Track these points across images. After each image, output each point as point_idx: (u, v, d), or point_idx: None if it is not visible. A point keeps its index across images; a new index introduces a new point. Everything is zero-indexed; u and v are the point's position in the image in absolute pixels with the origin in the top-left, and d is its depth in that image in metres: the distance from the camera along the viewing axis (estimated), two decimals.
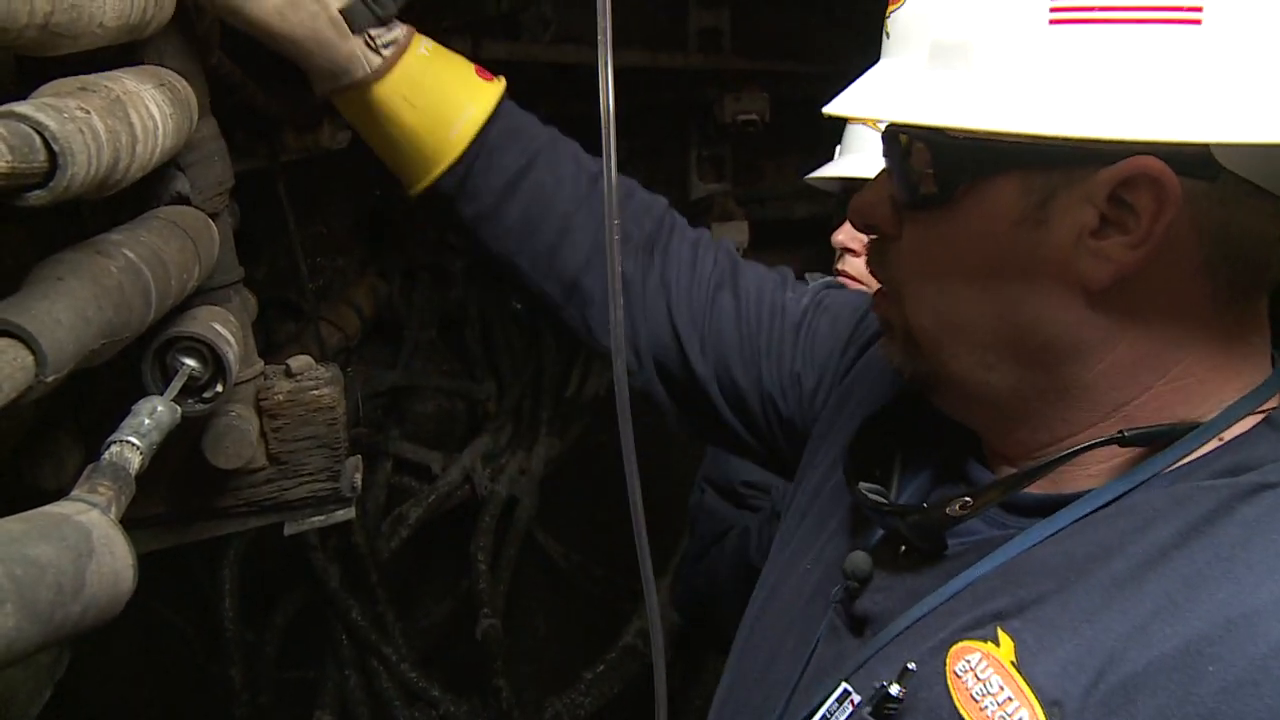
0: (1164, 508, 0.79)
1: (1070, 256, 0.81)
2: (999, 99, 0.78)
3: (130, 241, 0.82)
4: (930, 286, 0.91)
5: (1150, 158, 0.76)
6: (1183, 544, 0.76)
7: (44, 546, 0.60)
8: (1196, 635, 0.71)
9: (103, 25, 0.74)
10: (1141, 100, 0.74)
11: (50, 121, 0.62)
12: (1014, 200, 0.83)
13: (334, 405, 1.16)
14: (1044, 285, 0.83)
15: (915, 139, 0.88)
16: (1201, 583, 0.73)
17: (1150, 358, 0.84)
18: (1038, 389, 0.88)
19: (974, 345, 0.89)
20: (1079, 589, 0.79)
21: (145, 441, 0.81)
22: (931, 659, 0.83)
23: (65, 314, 0.68)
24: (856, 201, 0.98)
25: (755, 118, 3.38)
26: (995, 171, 0.83)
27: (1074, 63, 0.76)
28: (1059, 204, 0.81)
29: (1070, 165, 0.80)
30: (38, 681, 1.26)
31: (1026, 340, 0.86)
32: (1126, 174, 0.77)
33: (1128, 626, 0.74)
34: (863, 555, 0.97)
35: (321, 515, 1.23)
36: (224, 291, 1.10)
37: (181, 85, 0.94)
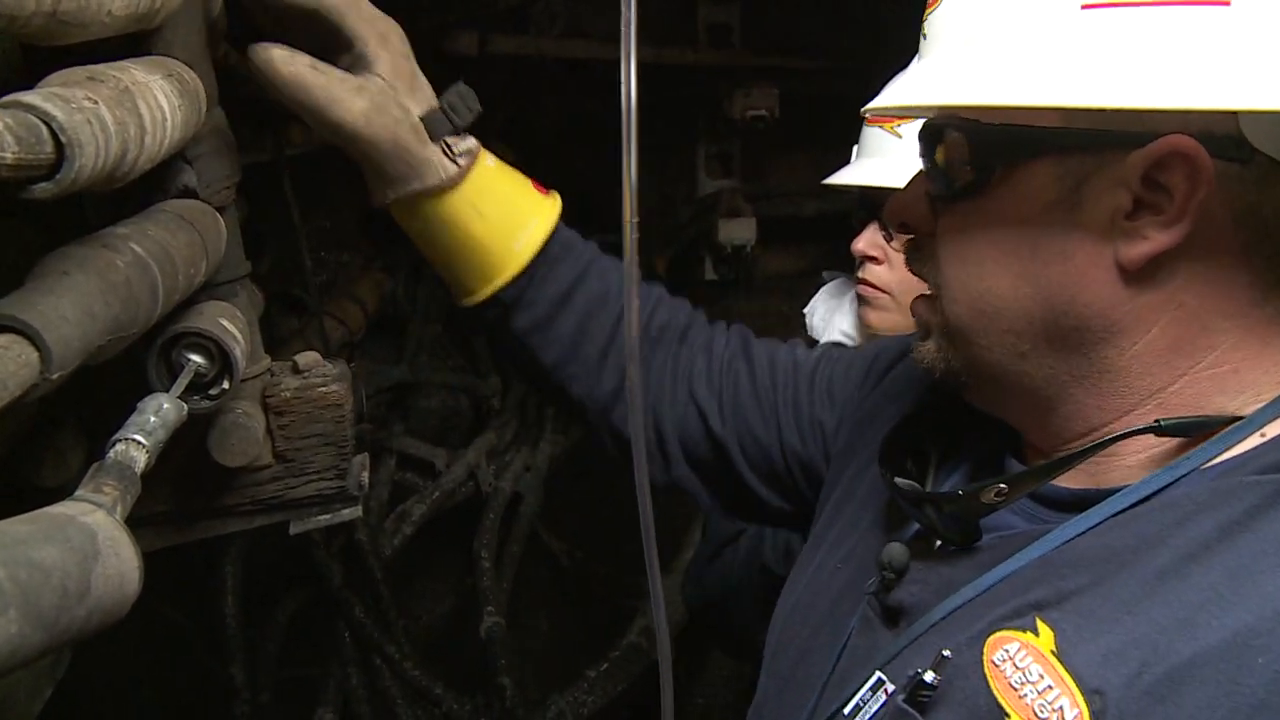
0: (1206, 501, 0.79)
1: (1104, 237, 0.83)
2: (1033, 78, 0.81)
3: (137, 236, 0.80)
4: (965, 274, 0.93)
5: (1182, 136, 0.78)
6: (1226, 538, 0.75)
7: (49, 549, 0.59)
8: (1244, 627, 0.71)
9: (111, 14, 0.72)
10: (1171, 75, 0.76)
11: (58, 112, 0.60)
12: (1048, 184, 0.85)
13: (341, 402, 1.15)
14: (1078, 266, 0.85)
15: (951, 129, 0.90)
16: (1247, 575, 0.73)
17: (1184, 343, 0.84)
18: (1072, 374, 0.88)
19: (1008, 331, 0.90)
20: (1119, 580, 0.78)
21: (151, 440, 0.79)
22: (968, 648, 0.83)
23: (71, 310, 0.66)
24: (893, 202, 1.01)
25: (765, 114, 3.36)
26: (1030, 157, 0.85)
27: (1106, 44, 0.79)
28: (1092, 187, 0.83)
29: (1103, 149, 0.82)
30: (38, 681, 1.25)
31: (1060, 322, 0.87)
32: (1159, 154, 0.79)
33: (1171, 618, 0.74)
34: (899, 547, 0.98)
35: (328, 514, 1.22)
36: (231, 286, 1.08)
37: (190, 76, 0.92)
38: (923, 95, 0.89)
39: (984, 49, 0.85)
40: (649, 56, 3.24)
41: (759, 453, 1.32)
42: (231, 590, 2.81)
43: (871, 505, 1.12)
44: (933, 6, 0.93)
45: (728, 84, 3.40)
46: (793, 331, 2.21)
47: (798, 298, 2.25)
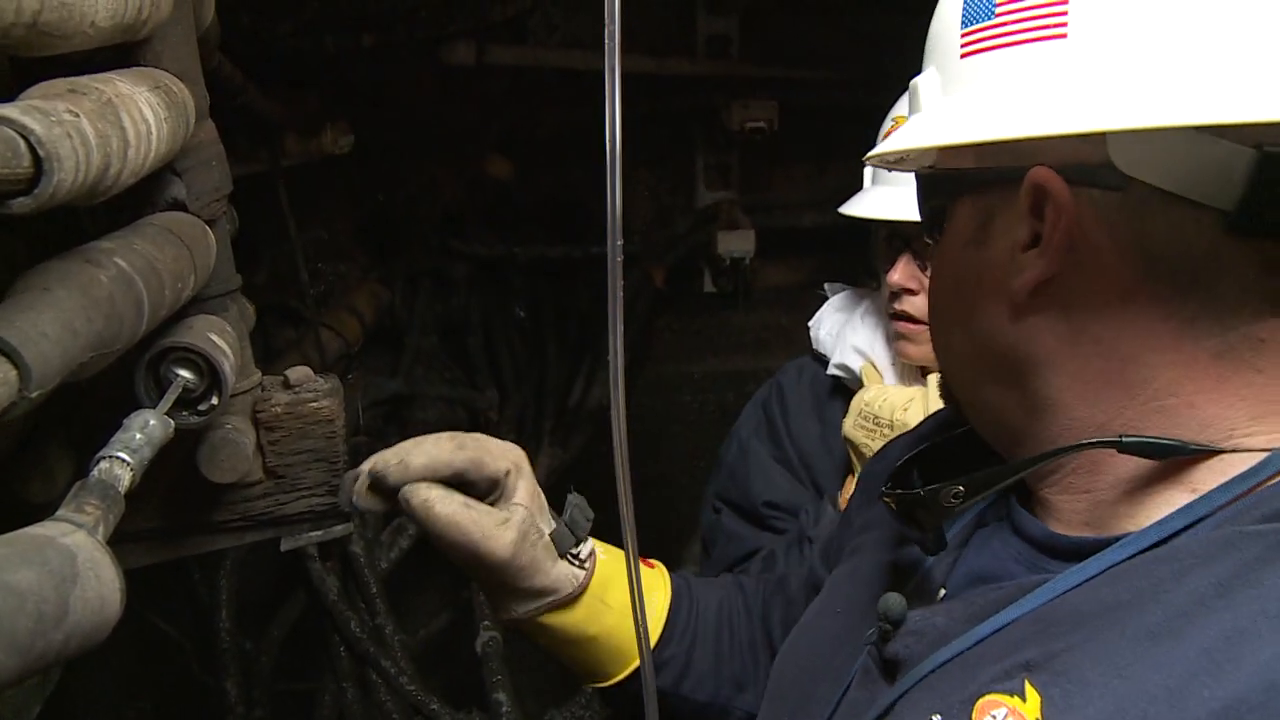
0: (1204, 553, 0.75)
1: (1004, 271, 0.86)
2: (938, 122, 0.88)
3: (122, 249, 0.79)
4: (932, 316, 1.01)
5: (1041, 168, 0.81)
6: (1224, 594, 0.72)
7: (24, 572, 0.57)
8: (1235, 699, 0.67)
9: (95, 25, 0.71)
10: (1031, 107, 0.80)
11: (36, 125, 0.59)
12: (967, 223, 0.90)
13: (333, 418, 1.14)
14: (985, 298, 0.89)
15: (919, 179, 0.99)
16: (1243, 640, 0.69)
17: (1112, 375, 0.83)
18: (1020, 405, 0.90)
19: (963, 365, 0.96)
20: (1110, 639, 0.75)
21: (136, 457, 0.78)
22: (959, 713, 0.80)
23: (51, 326, 0.65)
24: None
25: (763, 125, 3.35)
26: (955, 198, 0.92)
27: (982, 85, 0.85)
28: (998, 224, 0.87)
29: (1004, 186, 0.85)
30: (27, 698, 1.23)
31: (987, 355, 0.90)
32: (1029, 186, 0.82)
33: (1162, 686, 0.70)
34: (896, 597, 0.96)
35: (320, 530, 1.20)
36: (221, 300, 1.07)
37: (178, 88, 0.91)
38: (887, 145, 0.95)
39: (921, 102, 0.93)
40: (648, 67, 3.24)
41: None
42: (226, 604, 2.80)
43: (877, 550, 1.12)
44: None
45: (726, 95, 3.39)
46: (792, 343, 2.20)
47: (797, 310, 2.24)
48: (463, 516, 1.13)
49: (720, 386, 3.80)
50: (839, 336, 1.95)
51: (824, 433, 1.93)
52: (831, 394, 1.96)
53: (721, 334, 3.84)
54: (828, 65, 3.42)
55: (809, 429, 1.95)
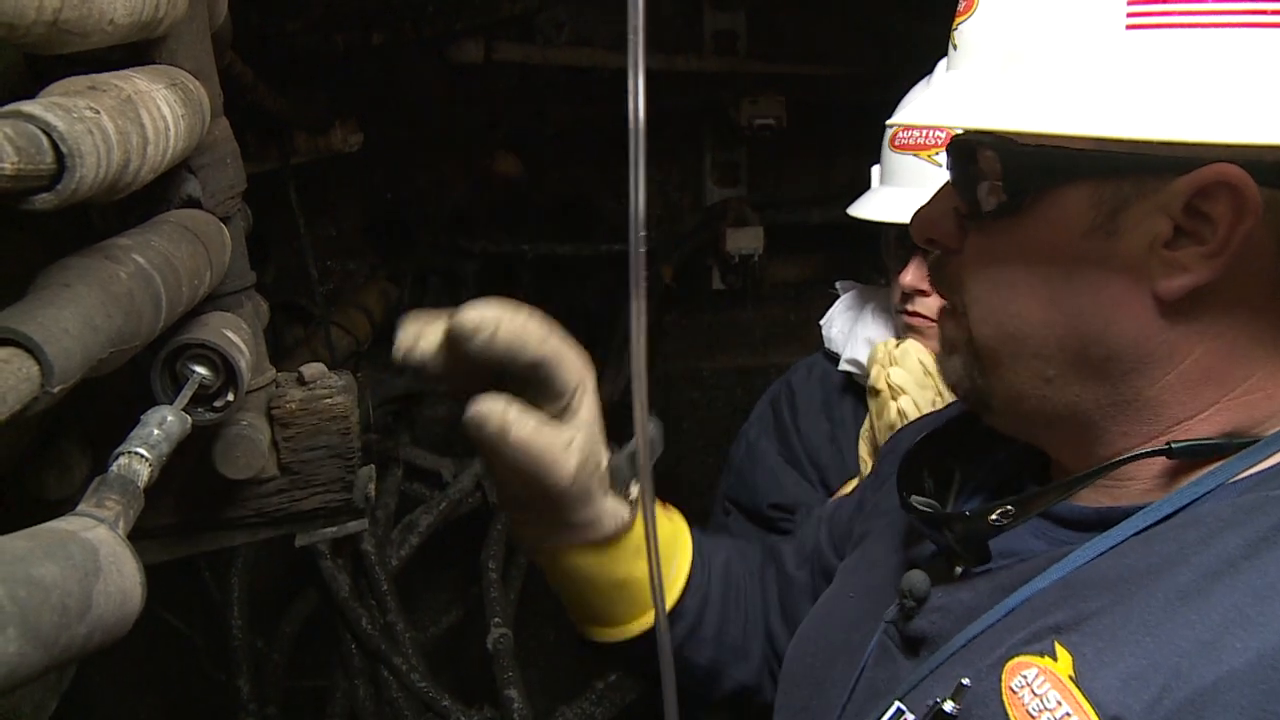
0: (1230, 518, 0.77)
1: (1142, 267, 0.80)
2: (1074, 103, 0.78)
3: (140, 246, 0.79)
4: (995, 297, 0.90)
5: (1229, 165, 0.75)
6: (1252, 555, 0.73)
7: (49, 566, 0.58)
8: (1269, 649, 0.68)
9: (113, 22, 0.71)
10: (1221, 104, 0.73)
11: (58, 122, 0.59)
12: (1084, 210, 0.82)
13: (347, 414, 1.14)
14: (1113, 296, 0.82)
15: (984, 147, 0.87)
16: (1273, 595, 0.70)
17: (1218, 373, 0.81)
18: (1098, 402, 0.86)
19: (1035, 356, 0.87)
20: (1140, 601, 0.76)
21: (154, 453, 0.78)
22: (988, 675, 0.81)
23: (72, 322, 0.65)
24: (920, 218, 0.97)
25: (772, 122, 3.35)
26: (1066, 181, 0.82)
27: (1151, 67, 0.75)
28: (1131, 214, 0.80)
29: (1143, 174, 0.78)
30: (43, 694, 1.24)
31: (1090, 351, 0.84)
32: (1203, 182, 0.76)
33: (1194, 640, 0.72)
34: (920, 574, 0.96)
35: (334, 526, 1.21)
36: (236, 297, 1.08)
37: (194, 85, 0.92)
38: (956, 116, 0.87)
39: (1022, 67, 0.82)
40: (655, 64, 3.23)
41: None
42: (238, 601, 2.80)
43: (889, 533, 1.11)
44: (964, 15, 0.89)
45: (734, 92, 3.39)
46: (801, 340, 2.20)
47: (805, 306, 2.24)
48: (536, 440, 0.99)
49: (729, 383, 3.80)
50: (850, 334, 1.95)
51: (833, 431, 1.92)
52: (842, 392, 1.96)
53: (730, 331, 3.84)
54: (836, 61, 3.41)
55: (818, 427, 1.94)
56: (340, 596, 2.77)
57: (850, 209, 1.91)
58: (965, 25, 0.89)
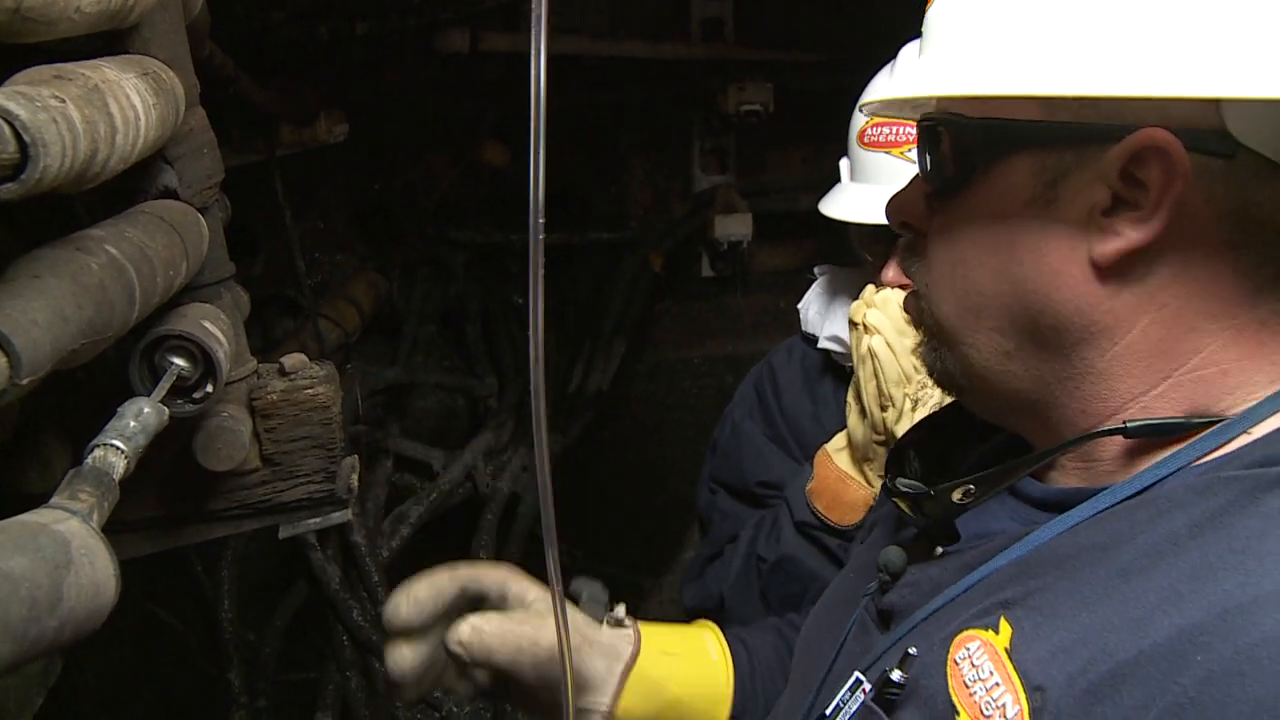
0: (1181, 498, 0.77)
1: (1080, 234, 0.82)
2: (1010, 68, 0.80)
3: (113, 237, 0.79)
4: (950, 272, 0.92)
5: (1158, 129, 0.76)
6: (1197, 534, 0.74)
7: (17, 559, 0.57)
8: (1191, 625, 0.68)
9: (80, 10, 0.71)
10: (1149, 62, 0.75)
11: (21, 110, 0.59)
12: (1026, 179, 0.84)
13: (329, 404, 1.13)
14: (1053, 263, 0.83)
15: (940, 125, 0.90)
16: (1209, 574, 0.70)
17: (1168, 344, 0.82)
18: (1056, 376, 0.87)
19: (993, 330, 0.89)
20: (1083, 578, 0.77)
21: (130, 445, 0.78)
22: (938, 648, 0.84)
23: (42, 313, 0.65)
24: (893, 201, 1.00)
25: (759, 108, 3.34)
26: (1009, 152, 0.85)
27: (1086, 33, 0.78)
28: (1071, 183, 0.82)
29: (1081, 143, 0.81)
30: (29, 689, 1.23)
31: (1039, 321, 0.86)
32: (1135, 147, 0.77)
33: (1125, 617, 0.72)
34: (896, 550, 0.99)
35: (317, 517, 1.20)
36: (214, 288, 1.07)
37: (167, 75, 0.91)
38: (905, 88, 0.89)
39: (973, 42, 0.85)
40: (642, 51, 3.23)
41: None
42: (228, 594, 2.80)
43: (890, 517, 1.13)
44: (930, 3, 0.92)
45: (721, 79, 3.38)
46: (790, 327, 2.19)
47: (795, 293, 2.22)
48: (508, 625, 1.18)
49: (719, 370, 3.80)
50: (828, 313, 1.96)
51: (816, 410, 1.93)
52: (822, 372, 1.97)
53: (720, 318, 3.83)
54: (822, 47, 3.40)
55: (801, 406, 1.95)
56: (331, 588, 2.77)
57: (821, 205, 1.91)
58: (931, 12, 0.92)
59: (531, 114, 0.71)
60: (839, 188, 1.93)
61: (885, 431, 1.59)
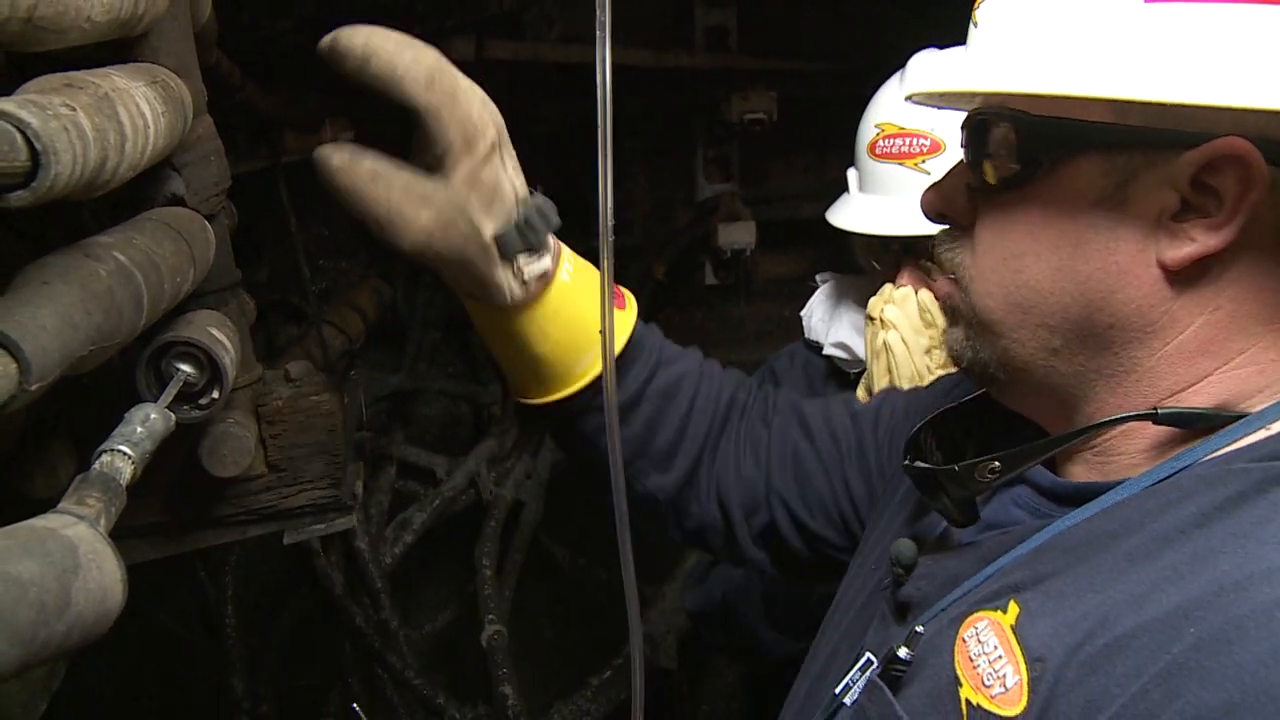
0: (1191, 488, 0.79)
1: (1149, 236, 0.82)
2: (1086, 69, 0.80)
3: (121, 244, 0.79)
4: (1003, 266, 0.92)
5: (1237, 138, 0.77)
6: (1204, 523, 0.75)
7: (26, 563, 0.58)
8: (1188, 600, 0.71)
9: (91, 19, 0.71)
10: (1231, 73, 0.75)
11: (32, 119, 0.59)
12: (1094, 180, 0.84)
13: (334, 411, 1.14)
14: (1120, 264, 0.84)
15: (1000, 120, 0.90)
16: (1210, 556, 0.72)
17: (1216, 344, 0.83)
18: (1100, 371, 0.88)
19: (1041, 325, 0.90)
20: (1092, 563, 0.79)
21: (137, 451, 0.78)
22: (949, 628, 0.86)
23: (51, 320, 0.65)
24: (933, 194, 1.00)
25: (763, 117, 3.35)
26: (1077, 151, 0.85)
27: (1166, 39, 0.78)
28: (1140, 185, 0.82)
29: (1153, 148, 0.81)
30: (32, 694, 1.24)
31: (1095, 319, 0.86)
32: (1211, 155, 0.78)
33: (1127, 594, 0.75)
34: (907, 543, 0.99)
35: (322, 524, 1.21)
36: (221, 295, 1.08)
37: (175, 83, 0.92)
38: (974, 81, 0.89)
39: (1038, 39, 0.85)
40: (646, 60, 3.23)
41: (828, 514, 1.33)
42: (232, 600, 2.81)
43: (905, 505, 1.14)
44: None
45: (725, 87, 3.39)
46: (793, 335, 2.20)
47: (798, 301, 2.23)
48: (366, 190, 0.99)
49: None
50: (832, 320, 1.96)
51: None
52: (826, 379, 1.96)
53: (723, 326, 3.84)
54: (826, 56, 3.41)
55: None
56: (334, 595, 2.78)
57: (830, 216, 1.91)
58: (987, 4, 0.91)
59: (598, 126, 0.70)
60: (847, 198, 1.93)
61: None
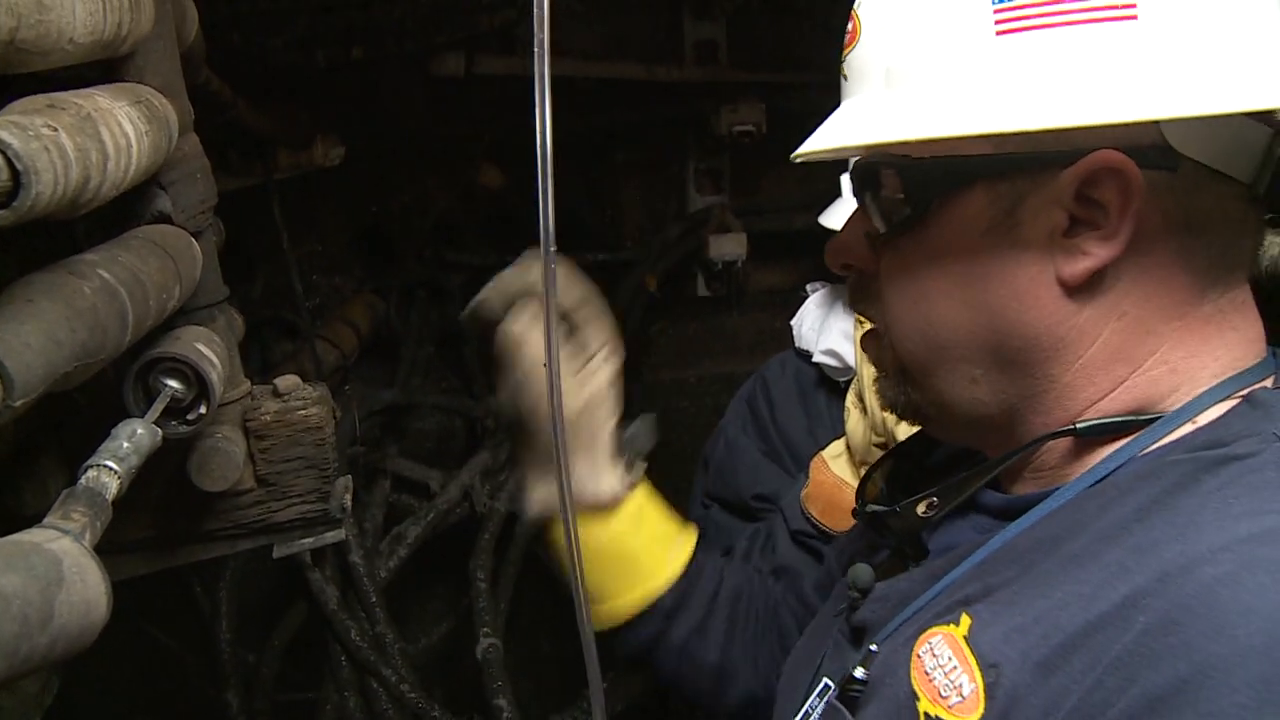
0: (1128, 486, 0.81)
1: (1044, 256, 0.84)
2: (955, 109, 0.82)
3: (106, 262, 0.80)
4: (913, 310, 0.93)
5: (1110, 151, 0.80)
6: (1144, 517, 0.77)
7: (10, 577, 0.59)
8: (1134, 590, 0.72)
9: (73, 41, 0.73)
10: (1090, 91, 0.78)
11: (13, 140, 0.60)
12: (983, 210, 0.86)
13: (322, 425, 1.15)
14: (1021, 286, 0.86)
15: (884, 167, 0.92)
16: (1152, 548, 0.74)
17: (1127, 349, 0.85)
18: (1021, 394, 0.90)
19: (960, 360, 0.91)
20: (1039, 570, 0.81)
21: (124, 465, 0.79)
22: (904, 647, 0.87)
23: (34, 336, 0.66)
24: (834, 244, 1.03)
25: (752, 129, 3.36)
26: (963, 185, 0.87)
27: (1024, 68, 0.81)
28: (1027, 208, 0.84)
29: (1034, 170, 0.83)
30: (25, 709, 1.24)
31: (1008, 345, 0.88)
32: (1089, 170, 0.81)
33: (1076, 594, 0.76)
34: (864, 568, 1.01)
35: (311, 537, 1.22)
36: (209, 311, 1.09)
37: (160, 102, 0.93)
38: (849, 137, 0.90)
39: (905, 84, 0.87)
40: (636, 74, 3.25)
41: None
42: (226, 614, 2.80)
43: (860, 543, 1.17)
44: (849, 46, 0.94)
45: (714, 100, 3.41)
46: (786, 345, 2.21)
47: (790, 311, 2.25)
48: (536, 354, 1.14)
49: (716, 390, 3.80)
50: (822, 328, 1.97)
51: (810, 424, 1.95)
52: (816, 386, 1.98)
53: (716, 338, 3.84)
54: (814, 68, 3.43)
55: (795, 420, 1.97)
56: (329, 608, 2.77)
57: (821, 218, 1.94)
58: (852, 55, 0.94)
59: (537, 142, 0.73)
60: (839, 201, 1.95)
61: (886, 432, 1.60)
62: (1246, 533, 0.70)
